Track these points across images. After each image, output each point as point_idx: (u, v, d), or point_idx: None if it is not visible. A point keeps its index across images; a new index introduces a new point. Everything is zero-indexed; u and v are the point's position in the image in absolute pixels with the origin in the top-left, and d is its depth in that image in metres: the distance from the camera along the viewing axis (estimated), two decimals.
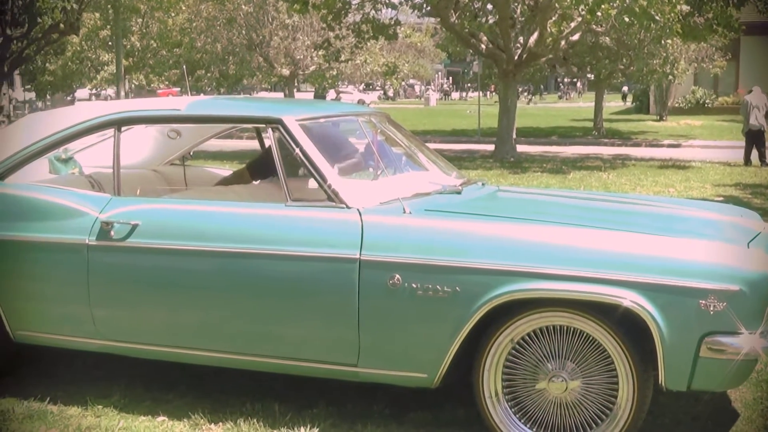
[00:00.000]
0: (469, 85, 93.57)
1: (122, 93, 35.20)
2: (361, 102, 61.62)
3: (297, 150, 5.69)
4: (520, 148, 28.07)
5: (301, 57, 49.61)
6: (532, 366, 5.22)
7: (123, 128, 6.26)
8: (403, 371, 5.40)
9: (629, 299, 4.87)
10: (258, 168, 7.27)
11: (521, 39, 27.17)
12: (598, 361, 5.09)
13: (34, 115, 7.33)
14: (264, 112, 6.22)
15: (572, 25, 25.32)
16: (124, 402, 6.13)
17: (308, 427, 5.61)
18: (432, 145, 7.33)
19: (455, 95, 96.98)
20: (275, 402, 6.00)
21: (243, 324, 5.75)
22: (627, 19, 22.88)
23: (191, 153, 8.32)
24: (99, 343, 6.10)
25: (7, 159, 6.37)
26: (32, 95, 63.61)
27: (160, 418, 5.86)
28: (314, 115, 6.30)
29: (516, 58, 26.20)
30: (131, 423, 5.79)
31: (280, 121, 5.81)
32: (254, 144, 7.41)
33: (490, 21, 27.19)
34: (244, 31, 49.39)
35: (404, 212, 5.42)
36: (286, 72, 49.71)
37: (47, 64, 54.88)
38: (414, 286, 5.20)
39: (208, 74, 51.71)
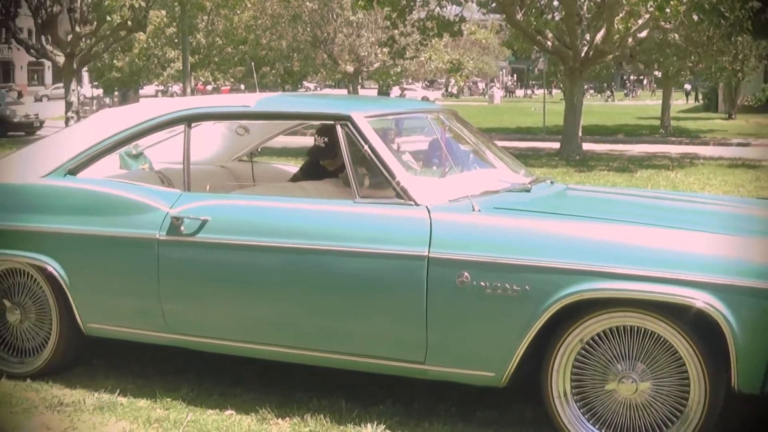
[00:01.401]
0: (533, 82, 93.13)
1: (188, 90, 35.41)
2: (425, 99, 61.46)
3: (366, 147, 5.68)
4: (586, 146, 27.87)
5: (366, 54, 49.69)
6: (601, 366, 5.16)
7: (193, 124, 6.31)
8: (470, 370, 5.37)
9: (702, 300, 4.80)
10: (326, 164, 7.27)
11: (588, 36, 26.98)
12: (669, 363, 5.01)
13: (106, 111, 7.41)
14: (333, 108, 6.21)
15: (640, 21, 25.08)
16: (192, 395, 6.18)
17: (375, 423, 5.61)
18: (497, 143, 7.28)
19: (519, 93, 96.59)
20: (342, 398, 6.00)
21: (311, 320, 5.76)
22: (696, 16, 22.62)
23: (259, 149, 8.36)
24: (168, 336, 6.15)
25: (80, 154, 6.44)
26: (100, 92, 64.27)
27: (228, 412, 5.89)
28: (383, 111, 6.29)
29: (582, 55, 26.00)
30: (200, 416, 5.82)
31: (349, 118, 5.80)
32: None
33: (557, 18, 27.05)
34: (308, 28, 49.62)
35: (473, 210, 5.39)
36: (350, 69, 49.79)
37: (115, 61, 55.43)
38: (483, 284, 5.17)
39: (273, 71, 51.93)
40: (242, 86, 60.70)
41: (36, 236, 6.34)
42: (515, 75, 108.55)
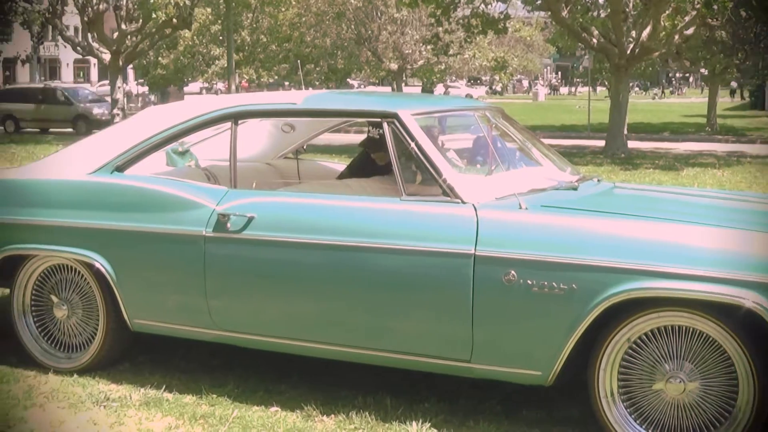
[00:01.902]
0: (577, 80, 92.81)
1: (233, 87, 35.56)
2: (468, 96, 61.37)
3: (412, 144, 5.67)
4: (631, 144, 27.73)
5: (410, 51, 49.72)
6: (648, 366, 5.11)
7: (240, 122, 6.32)
8: (516, 368, 5.35)
9: (751, 300, 4.74)
10: (370, 162, 7.27)
11: (634, 33, 26.82)
12: (717, 363, 4.96)
13: (153, 108, 7.45)
14: (380, 106, 6.20)
15: (686, 18, 24.91)
16: (237, 392, 6.19)
17: (420, 421, 5.59)
18: (543, 141, 7.24)
19: (564, 90, 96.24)
20: (387, 395, 6.00)
21: (356, 317, 5.76)
22: (744, 13, 22.42)
23: (304, 147, 8.37)
24: (214, 333, 6.17)
25: (127, 151, 6.47)
26: (145, 89, 64.71)
27: (273, 409, 5.90)
28: (430, 109, 6.28)
29: (628, 52, 25.86)
30: (245, 413, 5.83)
31: (395, 116, 5.79)
32: (361, 138, 7.41)
33: (602, 15, 26.90)
34: (353, 26, 49.74)
35: (520, 208, 5.36)
36: (394, 66, 49.85)
37: (160, 59, 55.78)
38: (529, 282, 5.15)
39: (317, 68, 52.05)
40: (286, 83, 60.89)
41: (83, 232, 6.38)
42: (559, 72, 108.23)
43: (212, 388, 6.24)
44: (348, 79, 59.09)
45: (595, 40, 26.48)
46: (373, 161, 7.25)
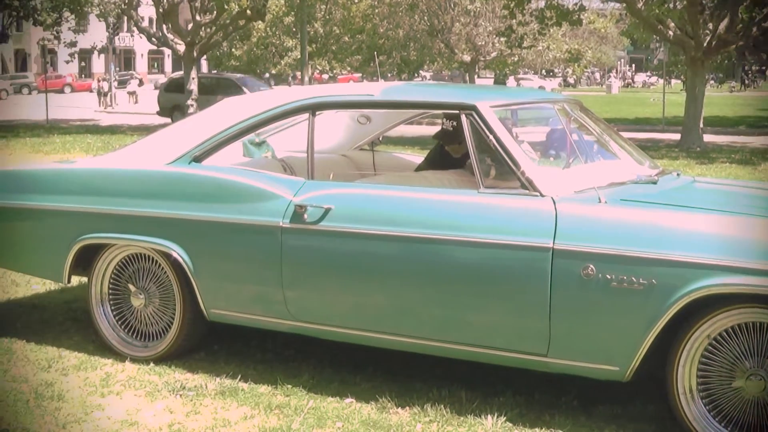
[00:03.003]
0: (649, 74, 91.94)
1: (306, 78, 35.69)
2: (541, 89, 61.07)
3: (490, 137, 5.64)
4: (707, 137, 27.37)
5: (483, 43, 49.51)
6: (728, 363, 5.04)
7: (317, 113, 6.33)
8: (594, 363, 5.29)
9: None
10: (447, 154, 7.23)
11: (710, 25, 26.47)
12: None
13: (231, 99, 7.48)
14: (458, 98, 6.17)
15: (765, 10, 24.52)
16: (312, 382, 6.21)
17: (495, 415, 5.57)
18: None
19: (638, 82, 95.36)
20: (462, 388, 5.98)
21: (432, 310, 5.74)
22: None
23: (380, 138, 8.36)
24: (290, 324, 6.19)
25: (205, 142, 6.51)
26: None
27: (348, 400, 5.91)
28: (508, 101, 6.24)
29: (705, 45, 25.53)
30: (320, 403, 5.85)
31: (474, 108, 5.76)
32: (434, 130, 7.37)
33: (679, 6, 26.58)
34: (425, 17, 49.62)
35: (599, 201, 5.31)
36: (467, 58, 49.70)
37: (233, 50, 56.13)
38: (608, 277, 5.09)
39: (390, 60, 52.07)
40: (358, 75, 60.98)
41: (161, 222, 6.43)
42: (633, 65, 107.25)
43: (287, 378, 6.26)
44: (420, 71, 58.96)
45: (671, 33, 26.18)
46: (446, 154, 7.22)
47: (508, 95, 6.75)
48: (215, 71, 57.00)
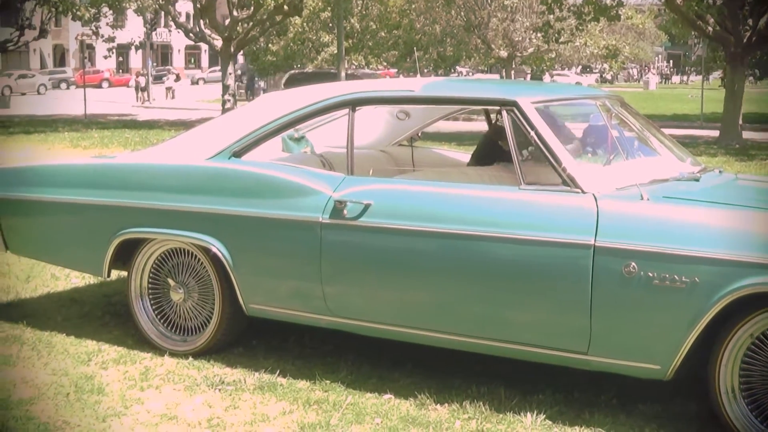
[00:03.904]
0: (688, 69, 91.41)
1: (342, 74, 35.66)
2: (578, 85, 60.80)
3: (532, 133, 5.61)
4: (746, 134, 27.18)
5: (520, 39, 49.37)
6: None
7: (357, 108, 6.32)
8: (635, 362, 5.26)
9: None
10: (494, 150, 7.21)
11: (750, 21, 26.26)
12: None
13: (270, 94, 7.49)
14: (499, 93, 6.15)
15: None
16: (351, 378, 6.21)
17: (534, 413, 5.55)
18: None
19: (675, 79, 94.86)
20: (501, 386, 5.96)
21: (471, 306, 5.72)
22: None
23: (419, 134, 8.35)
24: (328, 319, 6.19)
25: (244, 137, 6.51)
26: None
27: (387, 396, 5.90)
28: (550, 97, 6.21)
29: (744, 40, 25.33)
30: (358, 399, 5.85)
31: (515, 104, 5.74)
32: (471, 126, 7.36)
33: (718, 2, 26.39)
34: (462, 13, 49.53)
35: (642, 198, 5.27)
36: (503, 54, 49.60)
37: (270, 45, 56.22)
38: (650, 274, 5.05)
39: (426, 55, 52.03)
40: (394, 71, 60.93)
41: (201, 217, 6.44)
42: (671, 61, 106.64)
43: (325, 374, 6.26)
44: (456, 66, 58.84)
45: (710, 28, 26.00)
46: (496, 150, 7.18)
47: (549, 91, 6.71)
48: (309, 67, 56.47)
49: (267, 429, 5.45)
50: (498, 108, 5.91)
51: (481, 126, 16.54)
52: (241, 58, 61.38)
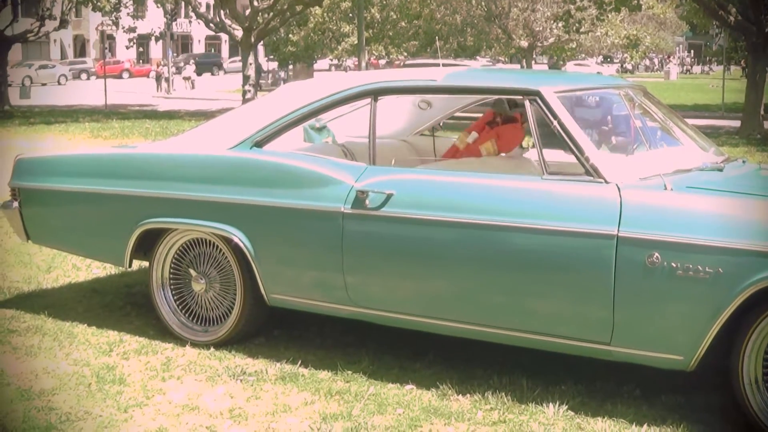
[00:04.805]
0: (709, 59, 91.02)
1: (363, 64, 35.63)
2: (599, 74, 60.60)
3: (555, 122, 5.59)
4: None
5: (540, 29, 49.23)
6: None
7: (379, 98, 6.30)
8: (658, 352, 5.23)
9: None
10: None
11: None
12: None
13: (292, 84, 7.48)
14: (522, 83, 6.13)
15: None
16: (372, 369, 6.21)
17: (557, 404, 5.53)
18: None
19: (696, 69, 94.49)
20: (523, 376, 5.94)
21: (494, 296, 5.71)
22: None
23: (441, 124, 8.33)
24: (350, 309, 6.18)
25: (266, 127, 6.50)
26: (274, 65, 65.38)
27: (409, 387, 5.89)
28: (573, 87, 6.19)
29: (766, 30, 25.19)
30: (380, 390, 5.84)
31: (538, 93, 5.71)
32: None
33: None
34: (483, 3, 49.37)
35: (665, 189, 5.24)
36: (524, 44, 49.46)
37: (290, 35, 56.18)
38: (674, 265, 5.03)
39: (447, 45, 51.94)
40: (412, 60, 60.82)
41: (222, 207, 6.44)
42: (692, 51, 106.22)
43: (347, 364, 6.26)
44: (477, 56, 58.69)
45: (732, 18, 25.87)
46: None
47: (573, 80, 6.68)
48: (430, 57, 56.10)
49: (289, 419, 5.45)
50: (521, 97, 5.88)
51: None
52: (261, 49, 61.43)
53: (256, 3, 35.85)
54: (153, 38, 50.30)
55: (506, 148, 7.01)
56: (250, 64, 35.46)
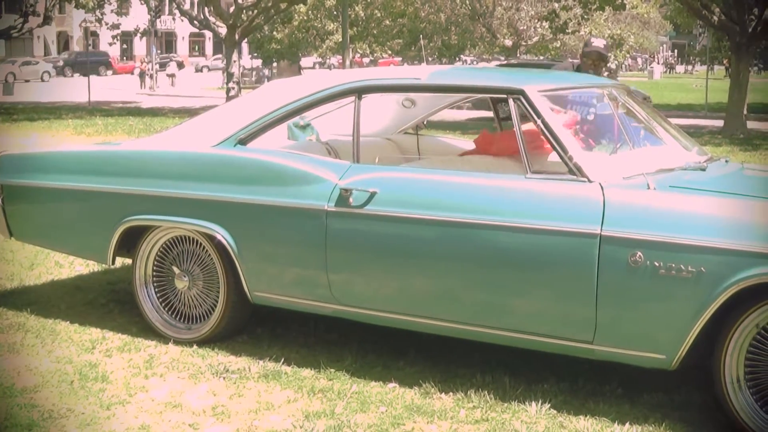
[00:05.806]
0: (692, 59, 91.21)
1: (347, 62, 35.60)
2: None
3: (538, 121, 5.60)
4: (750, 124, 27.14)
5: (524, 28, 49.30)
6: None
7: (363, 96, 6.30)
8: (640, 351, 5.25)
9: None
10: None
11: (756, 10, 26.19)
12: None
13: (276, 82, 7.48)
14: (506, 82, 6.14)
15: None
16: (355, 367, 6.21)
17: (539, 402, 5.54)
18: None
19: (680, 69, 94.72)
20: (505, 375, 5.95)
21: (477, 295, 5.72)
22: None
23: (425, 122, 8.33)
24: (333, 307, 6.18)
25: (250, 124, 6.50)
26: (258, 63, 65.33)
27: (391, 385, 5.90)
28: (557, 86, 6.20)
29: (750, 30, 25.28)
30: (363, 388, 5.84)
31: (522, 92, 5.72)
32: (475, 114, 7.33)
33: None
34: (467, 1, 49.40)
35: (648, 188, 5.25)
36: (508, 43, 49.54)
37: (274, 33, 56.13)
38: (656, 264, 5.04)
39: (431, 44, 51.95)
40: (398, 59, 60.82)
41: (206, 204, 6.43)
42: (675, 50, 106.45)
43: (330, 362, 6.26)
44: (461, 55, 58.70)
45: (715, 18, 25.93)
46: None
47: (557, 80, 6.69)
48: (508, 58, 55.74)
49: (272, 417, 5.44)
50: (504, 96, 5.89)
51: (486, 114, 16.55)
52: (245, 47, 61.36)
53: (240, 0, 35.79)
54: (137, 35, 50.15)
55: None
56: (234, 61, 35.40)
